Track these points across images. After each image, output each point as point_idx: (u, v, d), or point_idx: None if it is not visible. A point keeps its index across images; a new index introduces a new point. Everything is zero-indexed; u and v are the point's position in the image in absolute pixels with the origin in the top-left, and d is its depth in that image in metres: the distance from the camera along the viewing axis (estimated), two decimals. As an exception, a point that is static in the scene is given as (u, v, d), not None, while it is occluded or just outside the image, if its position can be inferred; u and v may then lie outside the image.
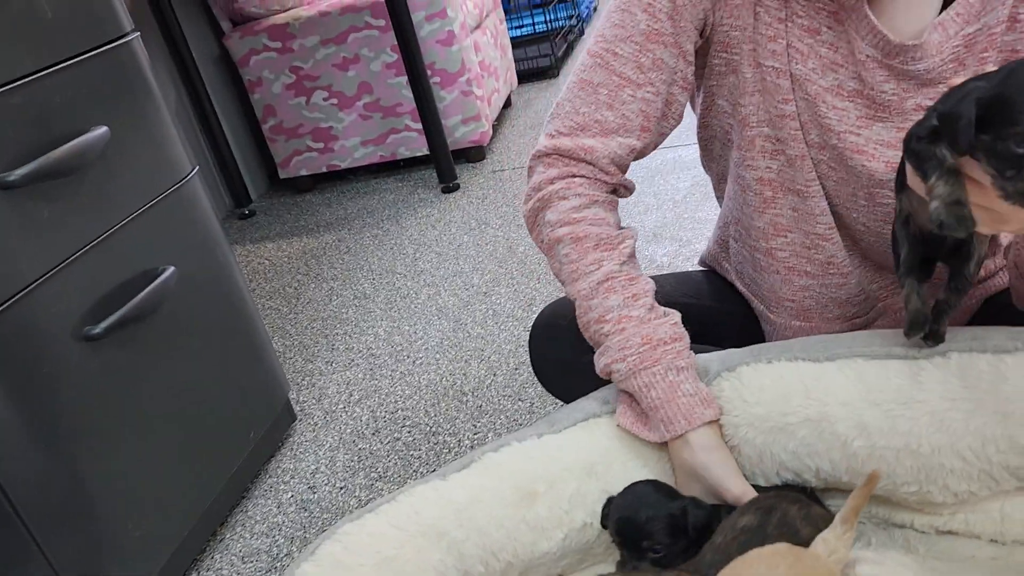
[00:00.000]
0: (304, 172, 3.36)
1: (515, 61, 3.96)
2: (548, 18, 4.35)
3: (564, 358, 1.17)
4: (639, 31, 0.94)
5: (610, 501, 0.89)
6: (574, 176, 0.99)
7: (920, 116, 0.79)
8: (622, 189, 1.03)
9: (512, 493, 0.90)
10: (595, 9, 5.52)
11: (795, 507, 0.84)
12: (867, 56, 0.89)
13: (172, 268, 1.47)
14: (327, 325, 2.32)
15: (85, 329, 1.30)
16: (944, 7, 0.87)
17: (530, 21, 4.51)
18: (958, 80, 0.72)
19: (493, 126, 3.43)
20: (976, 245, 0.80)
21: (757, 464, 0.88)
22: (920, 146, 0.72)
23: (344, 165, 3.31)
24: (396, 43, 2.90)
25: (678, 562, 0.84)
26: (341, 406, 1.93)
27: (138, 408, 1.40)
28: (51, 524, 1.23)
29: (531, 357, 1.25)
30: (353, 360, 2.11)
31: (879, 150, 0.92)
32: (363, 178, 3.42)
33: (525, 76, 4.21)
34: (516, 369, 1.90)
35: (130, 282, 1.40)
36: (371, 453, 1.74)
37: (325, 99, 3.18)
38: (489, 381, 1.88)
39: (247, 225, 3.21)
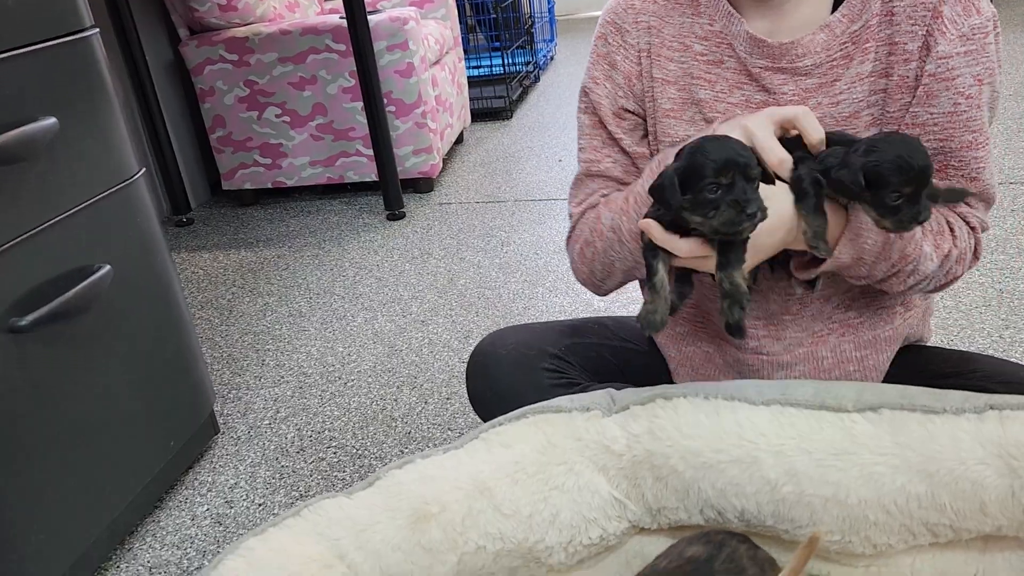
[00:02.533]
0: (249, 186, 3.32)
1: (470, 100, 4.00)
2: (506, 62, 4.42)
3: (501, 387, 1.18)
4: (584, 128, 1.13)
5: (682, 166, 0.83)
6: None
7: (821, 114, 0.98)
8: None
9: (408, 515, 0.89)
10: (551, 58, 5.62)
11: (744, 546, 0.86)
12: (760, 68, 1.01)
13: (108, 267, 1.44)
14: (259, 340, 2.29)
15: (11, 320, 1.26)
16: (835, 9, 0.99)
17: (488, 63, 4.57)
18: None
19: (444, 160, 3.45)
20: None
21: (683, 498, 0.89)
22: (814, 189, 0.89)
23: (290, 183, 3.29)
24: (355, 69, 2.91)
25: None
26: (267, 422, 1.90)
27: (57, 406, 1.35)
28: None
29: (467, 385, 1.25)
30: (283, 377, 2.08)
31: None
32: (308, 198, 3.40)
33: (479, 115, 4.26)
34: (448, 399, 1.89)
35: (63, 277, 1.36)
36: (294, 471, 1.71)
37: (277, 116, 3.16)
38: (420, 409, 1.87)
39: (184, 233, 3.16)
